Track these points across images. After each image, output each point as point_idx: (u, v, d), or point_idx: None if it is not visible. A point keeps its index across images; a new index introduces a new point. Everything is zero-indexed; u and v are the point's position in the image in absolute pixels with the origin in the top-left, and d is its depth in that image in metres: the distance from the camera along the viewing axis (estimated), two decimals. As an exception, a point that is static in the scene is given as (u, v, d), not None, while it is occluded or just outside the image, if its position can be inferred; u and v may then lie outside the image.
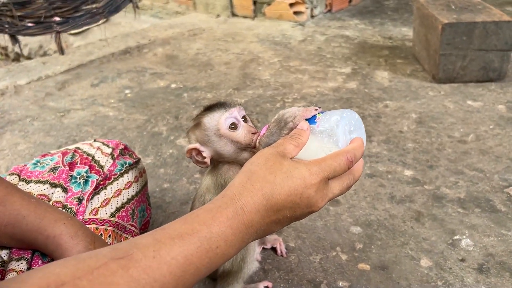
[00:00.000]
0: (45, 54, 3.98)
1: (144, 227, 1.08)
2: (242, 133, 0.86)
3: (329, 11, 3.61)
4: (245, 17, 3.60)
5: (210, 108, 0.90)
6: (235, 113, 0.87)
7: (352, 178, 0.67)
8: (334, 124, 0.68)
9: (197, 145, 0.89)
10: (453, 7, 2.22)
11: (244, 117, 0.89)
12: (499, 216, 1.25)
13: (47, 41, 4.00)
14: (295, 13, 3.39)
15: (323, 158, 0.63)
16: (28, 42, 4.13)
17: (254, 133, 0.86)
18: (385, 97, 2.06)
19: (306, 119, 0.72)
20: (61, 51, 2.23)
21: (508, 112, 1.84)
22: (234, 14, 3.66)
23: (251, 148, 0.86)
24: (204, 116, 0.89)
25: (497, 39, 2.01)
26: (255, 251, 0.99)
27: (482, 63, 2.08)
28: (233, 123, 0.87)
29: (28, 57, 3.93)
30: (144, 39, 3.15)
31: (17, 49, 3.75)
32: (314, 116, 0.72)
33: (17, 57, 4.10)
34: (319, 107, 0.74)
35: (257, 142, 0.82)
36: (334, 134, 0.67)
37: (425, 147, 1.62)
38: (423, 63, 2.36)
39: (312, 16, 3.45)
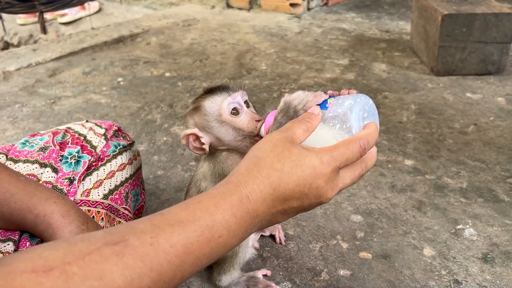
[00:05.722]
0: (35, 43, 3.89)
1: (138, 212, 1.03)
2: (245, 120, 0.81)
3: (326, 4, 3.57)
4: (240, 8, 3.55)
5: (211, 91, 0.83)
6: (238, 98, 0.81)
7: (365, 166, 0.62)
8: (347, 109, 0.63)
9: (195, 131, 0.83)
10: (452, -1, 2.20)
11: (246, 102, 0.83)
12: (502, 206, 1.22)
13: (37, 30, 3.91)
14: (291, 5, 3.35)
15: (335, 145, 0.59)
16: (18, 31, 4.03)
17: (258, 121, 0.80)
18: (384, 88, 2.03)
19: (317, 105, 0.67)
20: (44, 30, 2.17)
21: (508, 105, 1.82)
22: (229, 6, 3.61)
23: (254, 136, 0.80)
24: (205, 100, 0.82)
25: (497, 31, 1.99)
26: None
27: (481, 56, 2.06)
28: (234, 108, 0.81)
29: (17, 46, 3.83)
30: (137, 28, 3.09)
31: (1, 32, 3.66)
32: (325, 101, 0.67)
33: (6, 46, 4.01)
34: (326, 92, 0.69)
35: (264, 133, 0.77)
36: (348, 120, 0.62)
37: (426, 137, 1.59)
38: (421, 55, 2.34)
39: (308, 9, 3.41)
